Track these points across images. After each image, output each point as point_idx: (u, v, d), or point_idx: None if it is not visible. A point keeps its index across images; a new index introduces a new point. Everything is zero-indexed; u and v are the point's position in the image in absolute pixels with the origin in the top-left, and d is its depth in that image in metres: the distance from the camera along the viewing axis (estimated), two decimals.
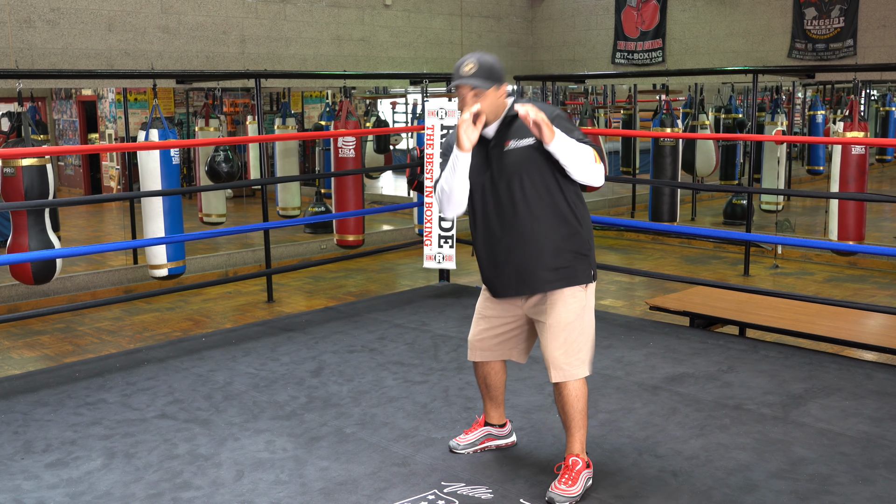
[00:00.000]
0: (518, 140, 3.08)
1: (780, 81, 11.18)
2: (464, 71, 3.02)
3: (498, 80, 3.05)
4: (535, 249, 3.12)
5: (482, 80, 3.01)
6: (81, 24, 7.69)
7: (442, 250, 6.13)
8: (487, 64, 3.04)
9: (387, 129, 12.83)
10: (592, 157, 3.03)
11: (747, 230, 8.07)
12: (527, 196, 3.09)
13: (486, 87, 3.02)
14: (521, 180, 3.08)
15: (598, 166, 3.06)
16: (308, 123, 13.54)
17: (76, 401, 4.28)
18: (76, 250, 6.13)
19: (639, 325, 5.57)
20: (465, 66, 3.02)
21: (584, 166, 3.03)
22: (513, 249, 3.14)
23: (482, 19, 11.17)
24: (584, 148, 3.02)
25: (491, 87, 3.03)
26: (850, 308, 5.44)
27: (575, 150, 3.00)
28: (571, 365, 3.15)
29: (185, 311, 7.11)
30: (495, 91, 3.05)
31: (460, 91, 3.05)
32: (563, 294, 3.15)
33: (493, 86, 3.03)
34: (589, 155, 3.03)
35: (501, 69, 3.08)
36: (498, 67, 3.06)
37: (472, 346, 3.41)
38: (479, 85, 3.00)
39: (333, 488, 3.25)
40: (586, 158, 3.02)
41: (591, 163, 3.03)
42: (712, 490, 3.19)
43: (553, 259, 3.12)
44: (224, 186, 8.20)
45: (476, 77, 3.01)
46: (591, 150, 3.03)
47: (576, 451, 3.18)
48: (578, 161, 3.01)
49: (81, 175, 14.73)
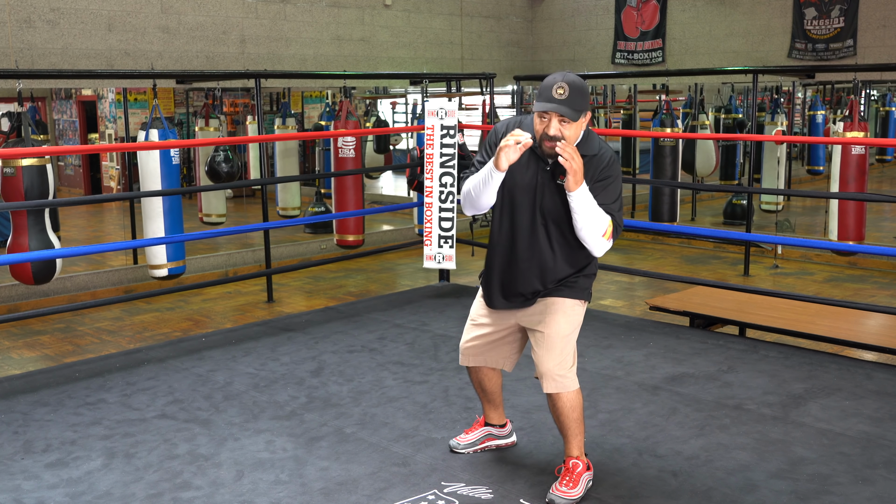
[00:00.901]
0: None
1: (780, 81, 11.18)
2: (556, 94, 2.87)
3: (586, 107, 2.93)
4: (552, 273, 3.12)
5: (574, 110, 2.87)
6: (81, 24, 7.69)
7: (442, 250, 6.12)
8: (580, 89, 2.88)
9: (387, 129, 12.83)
10: (603, 229, 2.98)
11: (747, 230, 8.08)
12: (561, 233, 3.07)
13: (576, 117, 2.91)
14: (562, 217, 3.03)
15: (603, 240, 3.01)
16: (308, 123, 13.54)
17: (76, 401, 4.28)
18: (76, 250, 6.12)
19: (639, 325, 5.57)
20: (557, 90, 2.87)
21: (590, 231, 2.98)
22: (529, 273, 3.13)
23: (482, 19, 11.17)
24: (600, 216, 2.97)
25: (580, 117, 2.93)
26: (850, 308, 5.44)
27: (590, 212, 2.95)
28: (565, 377, 3.14)
29: (185, 311, 7.11)
30: (582, 120, 2.95)
31: (548, 114, 2.91)
32: (564, 305, 3.15)
33: (581, 116, 2.93)
34: (602, 224, 2.97)
35: (588, 94, 2.95)
36: (587, 93, 2.93)
37: (464, 353, 3.41)
38: (570, 116, 2.88)
39: (333, 488, 3.25)
40: (597, 226, 2.97)
41: (598, 232, 2.98)
42: (712, 490, 3.19)
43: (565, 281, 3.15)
44: (224, 186, 8.20)
45: (567, 105, 2.87)
46: (606, 221, 2.98)
47: (574, 454, 3.18)
48: (588, 224, 2.96)
49: (81, 175, 14.73)
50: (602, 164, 3.01)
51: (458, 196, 3.60)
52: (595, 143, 3.06)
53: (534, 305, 3.19)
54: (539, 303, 3.18)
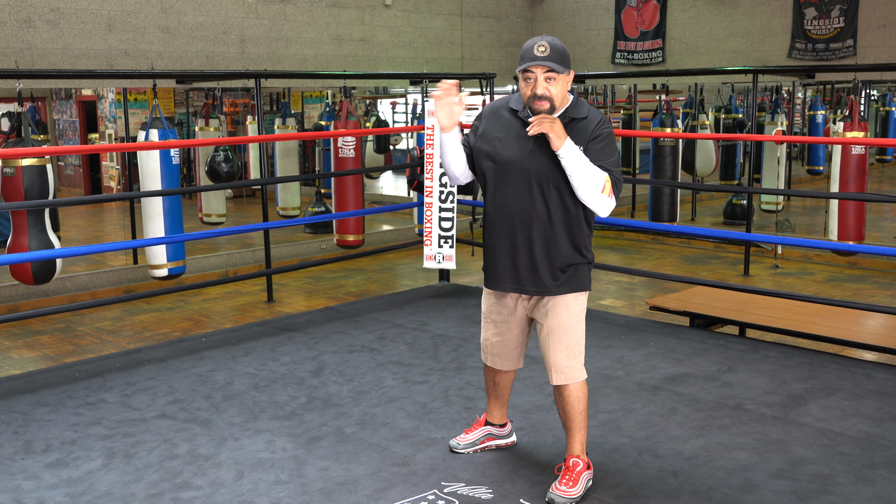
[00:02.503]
0: None
1: (780, 81, 11.18)
2: (537, 52, 2.94)
3: (568, 65, 3.01)
4: (554, 250, 3.10)
5: (556, 63, 2.95)
6: (81, 24, 7.69)
7: (442, 250, 6.12)
8: (560, 48, 2.97)
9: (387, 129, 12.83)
10: (601, 185, 2.97)
11: (747, 230, 8.07)
12: (557, 197, 3.05)
13: (560, 70, 2.97)
14: (557, 181, 3.03)
15: (604, 196, 2.99)
16: (308, 123, 13.54)
17: (76, 401, 4.28)
18: (76, 250, 6.12)
19: (639, 325, 5.56)
20: (538, 48, 2.95)
21: (588, 189, 2.98)
22: (531, 243, 3.11)
23: (482, 19, 11.17)
24: (595, 172, 2.97)
25: (564, 71, 2.99)
26: (850, 308, 5.44)
27: (584, 168, 2.95)
28: (573, 368, 3.16)
29: (185, 311, 7.11)
30: (566, 76, 3.01)
31: (533, 72, 2.97)
32: (566, 298, 3.16)
33: (564, 71, 2.99)
34: (598, 180, 2.97)
35: (569, 55, 3.03)
36: (568, 53, 3.01)
37: (486, 352, 3.41)
38: (553, 68, 2.95)
39: (333, 488, 3.25)
40: (594, 182, 2.97)
41: (596, 188, 2.97)
42: (712, 490, 3.19)
43: (566, 261, 3.12)
44: (224, 186, 8.20)
45: (550, 59, 2.94)
46: (603, 177, 2.98)
47: (576, 452, 3.18)
48: (583, 180, 2.97)
49: (81, 175, 14.73)
50: (592, 124, 3.05)
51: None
52: (584, 107, 3.11)
53: (540, 299, 3.19)
54: (543, 300, 3.18)
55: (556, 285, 3.14)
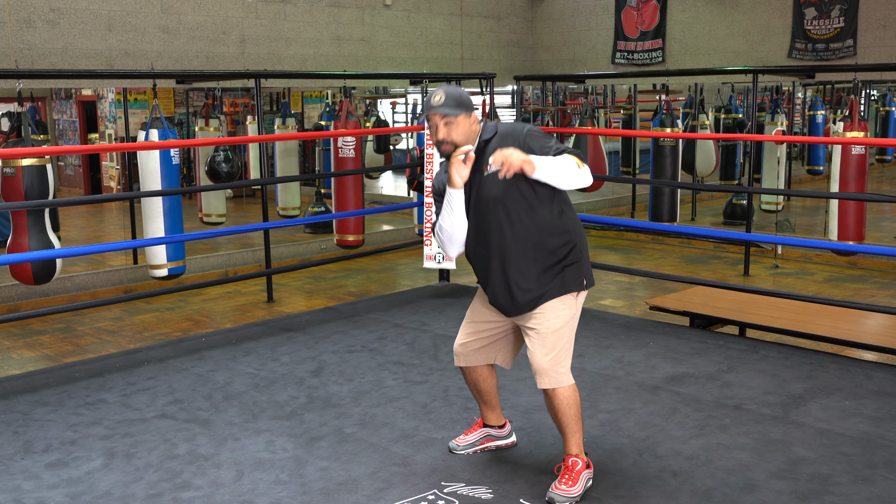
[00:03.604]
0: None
1: (780, 81, 11.18)
2: (433, 102, 3.11)
3: (467, 108, 3.13)
4: (522, 273, 3.13)
5: (451, 108, 3.09)
6: (81, 24, 7.69)
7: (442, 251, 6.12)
8: (455, 94, 3.13)
9: (387, 129, 12.83)
10: (575, 165, 3.05)
11: (747, 230, 8.07)
12: (511, 219, 3.11)
13: (456, 114, 3.09)
14: (504, 203, 3.11)
15: (582, 171, 3.06)
16: (308, 123, 13.54)
17: (76, 401, 4.28)
18: (76, 250, 6.12)
19: (639, 325, 5.57)
20: (434, 98, 3.12)
21: (569, 178, 3.05)
22: (500, 272, 3.17)
23: (482, 19, 11.17)
24: (564, 161, 3.04)
25: (460, 114, 3.10)
26: (850, 308, 5.44)
27: (557, 167, 3.02)
28: (558, 372, 3.15)
29: (185, 311, 7.11)
30: (466, 118, 3.12)
31: (432, 120, 3.12)
32: (553, 302, 3.16)
33: (462, 113, 3.11)
34: (571, 165, 3.04)
35: (469, 99, 3.17)
36: (466, 97, 3.15)
37: (457, 353, 3.43)
38: (448, 112, 3.08)
39: (333, 488, 3.25)
40: (569, 170, 3.04)
41: (574, 172, 3.05)
42: (712, 490, 3.19)
43: (541, 279, 3.14)
44: (224, 186, 8.20)
45: (445, 106, 3.09)
46: (570, 160, 3.05)
47: (574, 452, 3.18)
48: (563, 176, 3.04)
49: (81, 175, 14.73)
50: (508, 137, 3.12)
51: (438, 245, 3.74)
52: (490, 127, 3.22)
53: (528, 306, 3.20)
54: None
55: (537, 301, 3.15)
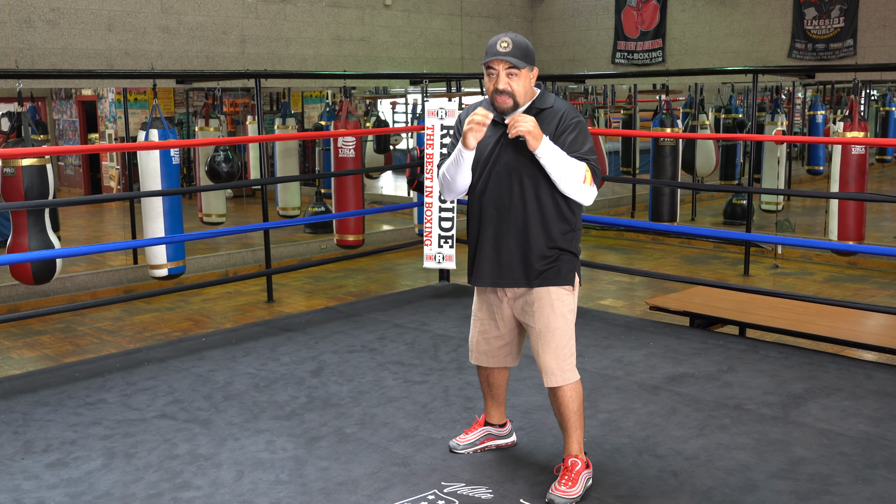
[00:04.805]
0: None
1: (780, 81, 11.18)
2: (500, 48, 2.97)
3: (532, 61, 3.04)
4: (527, 241, 3.11)
5: (518, 58, 2.99)
6: (81, 24, 7.69)
7: (442, 250, 6.12)
8: (523, 44, 3.01)
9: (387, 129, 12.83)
10: (582, 175, 3.00)
11: (747, 230, 8.07)
12: (529, 187, 3.08)
13: (522, 66, 3.00)
14: (527, 171, 3.07)
15: (585, 186, 3.02)
16: (308, 123, 13.53)
17: (76, 401, 4.28)
18: (76, 250, 6.12)
19: (639, 325, 5.56)
20: (500, 44, 2.98)
21: (568, 182, 3.01)
22: (505, 235, 3.14)
23: (482, 19, 11.17)
24: (574, 164, 3.00)
25: (525, 67, 3.01)
26: (850, 308, 5.44)
27: (562, 164, 2.98)
28: (563, 370, 3.16)
29: (185, 311, 7.11)
30: (528, 72, 3.04)
31: (494, 67, 3.01)
32: (550, 297, 3.15)
33: (527, 66, 3.02)
34: (578, 172, 3.00)
35: (533, 52, 3.07)
36: (531, 49, 3.05)
37: (473, 350, 3.42)
38: (515, 63, 2.98)
39: (333, 488, 3.25)
40: (574, 175, 3.00)
41: (577, 180, 3.00)
42: (712, 490, 3.19)
43: (545, 252, 3.12)
44: (224, 186, 8.20)
45: (512, 55, 2.98)
46: (582, 169, 3.00)
47: (574, 451, 3.19)
48: (563, 175, 3.00)
49: (81, 175, 14.73)
50: (559, 113, 3.07)
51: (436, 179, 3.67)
52: (550, 98, 3.14)
53: (521, 291, 3.19)
54: (527, 293, 3.18)
55: (533, 277, 3.13)
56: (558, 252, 3.14)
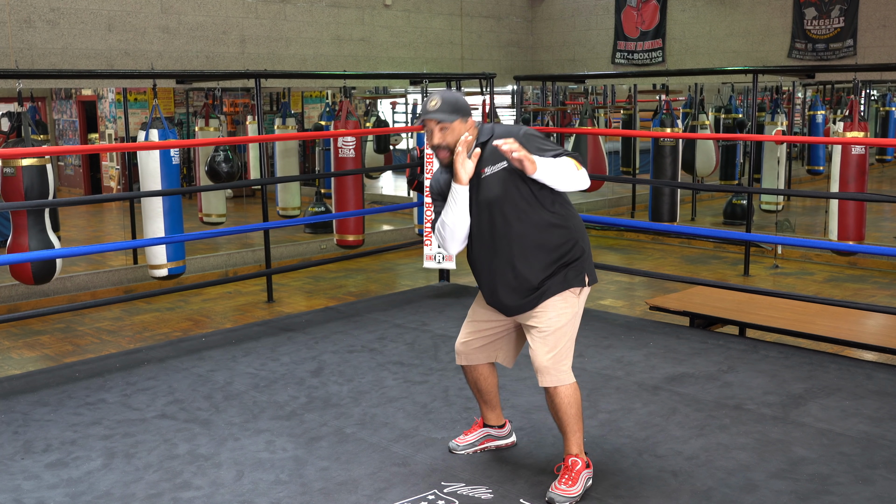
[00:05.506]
0: (492, 166, 3.13)
1: (780, 81, 11.18)
2: (429, 107, 3.14)
3: (463, 113, 3.15)
4: (523, 273, 3.14)
5: (447, 113, 3.11)
6: (81, 24, 7.69)
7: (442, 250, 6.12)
8: (452, 99, 3.15)
9: (387, 129, 12.83)
10: (573, 167, 3.08)
11: (747, 230, 8.07)
12: (508, 220, 3.13)
13: (451, 120, 3.12)
14: (502, 205, 3.13)
15: (580, 173, 3.09)
16: (308, 123, 13.53)
17: (76, 401, 4.28)
18: (76, 250, 6.12)
19: (639, 325, 5.57)
20: (430, 103, 3.15)
21: (568, 180, 3.08)
22: (500, 273, 3.18)
23: (482, 19, 11.17)
24: (563, 162, 3.06)
25: (455, 119, 3.12)
26: (850, 308, 5.44)
27: (556, 169, 3.04)
28: (559, 370, 3.16)
29: (185, 311, 7.11)
30: (461, 123, 3.15)
31: (428, 125, 3.15)
32: (555, 299, 3.16)
33: (457, 118, 3.13)
34: (569, 167, 3.07)
35: (466, 104, 3.18)
36: (462, 102, 3.18)
37: (459, 352, 3.44)
38: (443, 119, 3.11)
39: (333, 488, 3.25)
40: (568, 172, 3.06)
41: (573, 174, 3.08)
42: (712, 490, 3.19)
43: (542, 277, 3.15)
44: (224, 186, 8.20)
45: (441, 111, 3.11)
46: (569, 162, 3.07)
47: (574, 451, 3.19)
48: (562, 177, 3.06)
49: (81, 175, 14.73)
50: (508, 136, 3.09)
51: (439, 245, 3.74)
52: (486, 129, 3.22)
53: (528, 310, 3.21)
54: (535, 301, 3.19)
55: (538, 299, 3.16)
56: (561, 265, 3.16)
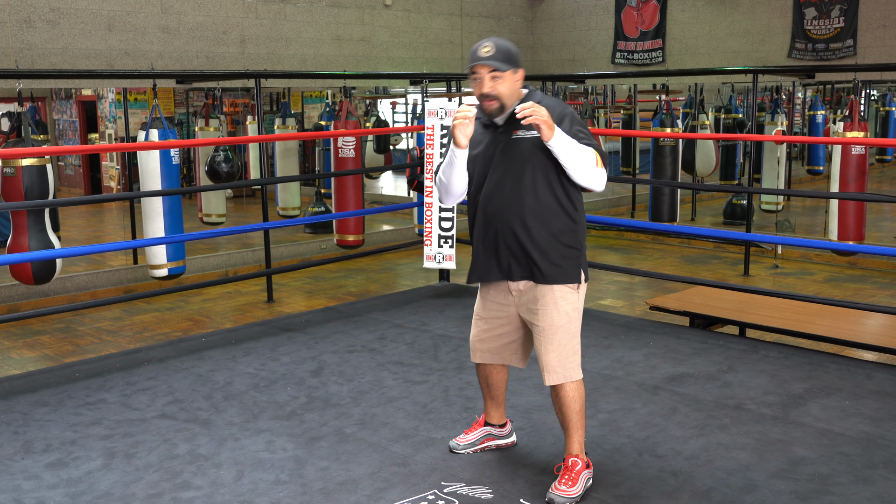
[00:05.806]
0: (526, 131, 3.08)
1: (780, 81, 11.18)
2: (482, 53, 3.02)
3: (515, 63, 3.06)
4: (531, 234, 3.11)
5: (500, 62, 3.02)
6: (81, 24, 7.69)
7: (442, 250, 6.12)
8: (505, 47, 3.05)
9: (387, 129, 12.83)
10: (593, 160, 3.02)
11: (747, 230, 8.07)
12: (528, 185, 3.09)
13: (504, 69, 3.03)
14: (525, 169, 3.09)
15: (598, 170, 3.04)
16: (308, 123, 13.53)
17: (76, 401, 4.28)
18: (76, 250, 6.12)
19: (639, 325, 5.57)
20: (482, 49, 3.02)
21: (583, 168, 3.02)
22: (509, 232, 3.14)
23: (482, 19, 11.17)
24: (585, 150, 3.01)
25: (508, 69, 3.04)
26: (850, 308, 5.44)
27: (575, 151, 2.99)
28: (566, 368, 3.16)
29: (185, 311, 7.11)
30: (512, 74, 3.06)
31: (479, 72, 3.04)
32: (554, 295, 3.15)
33: (510, 69, 3.04)
34: (590, 157, 3.02)
35: (518, 54, 3.09)
36: (515, 52, 3.07)
37: (474, 348, 3.42)
38: (497, 66, 3.01)
39: (333, 488, 3.25)
40: (586, 161, 3.01)
41: (591, 165, 3.02)
42: (712, 490, 3.19)
43: (546, 247, 3.12)
44: (224, 186, 8.20)
45: (494, 59, 3.01)
46: (593, 154, 3.02)
47: (575, 451, 3.19)
48: (577, 162, 3.01)
49: (81, 175, 14.73)
50: (551, 109, 3.06)
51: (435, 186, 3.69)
52: (537, 95, 3.16)
53: (527, 287, 3.19)
54: (532, 289, 3.18)
55: (537, 272, 3.13)
56: (561, 248, 3.14)
